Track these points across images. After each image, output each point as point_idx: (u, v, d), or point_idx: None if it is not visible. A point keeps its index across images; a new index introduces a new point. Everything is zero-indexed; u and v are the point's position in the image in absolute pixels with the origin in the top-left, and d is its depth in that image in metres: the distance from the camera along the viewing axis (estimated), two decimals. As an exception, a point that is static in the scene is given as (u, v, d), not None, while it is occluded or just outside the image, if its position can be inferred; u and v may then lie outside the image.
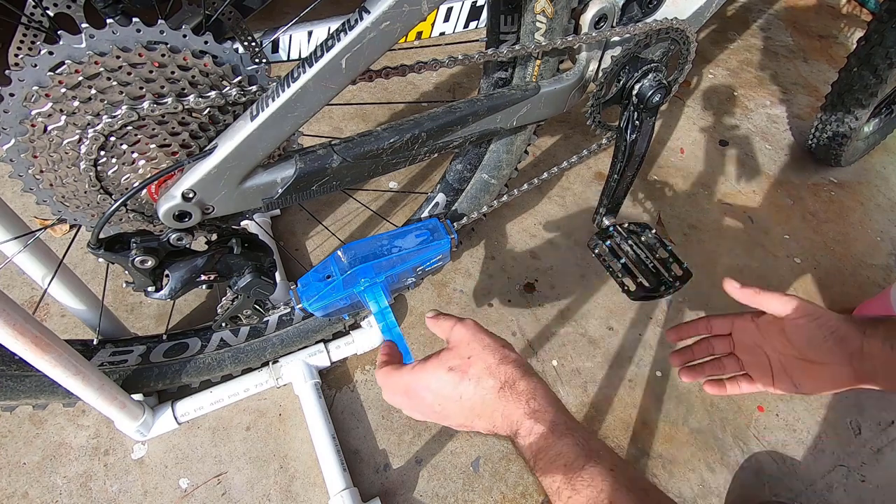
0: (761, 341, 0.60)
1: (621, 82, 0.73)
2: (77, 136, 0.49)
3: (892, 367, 0.53)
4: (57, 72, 0.45)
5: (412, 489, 0.87)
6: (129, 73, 0.47)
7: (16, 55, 0.61)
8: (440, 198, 0.90)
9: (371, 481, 0.87)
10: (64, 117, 0.47)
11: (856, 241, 1.32)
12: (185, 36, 0.48)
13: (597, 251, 0.72)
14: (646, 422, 0.98)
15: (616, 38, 0.70)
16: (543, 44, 0.65)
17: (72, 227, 0.58)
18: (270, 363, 0.92)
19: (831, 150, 1.38)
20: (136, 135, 0.51)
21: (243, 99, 0.52)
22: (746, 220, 1.34)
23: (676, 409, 1.00)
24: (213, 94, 0.50)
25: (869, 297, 1.13)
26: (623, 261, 0.69)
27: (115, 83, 0.47)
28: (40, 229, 0.72)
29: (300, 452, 0.88)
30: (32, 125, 0.48)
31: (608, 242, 0.71)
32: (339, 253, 0.67)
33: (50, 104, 0.47)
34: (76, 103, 0.47)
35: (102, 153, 0.51)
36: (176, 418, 0.86)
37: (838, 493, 0.93)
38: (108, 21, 0.45)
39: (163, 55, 0.47)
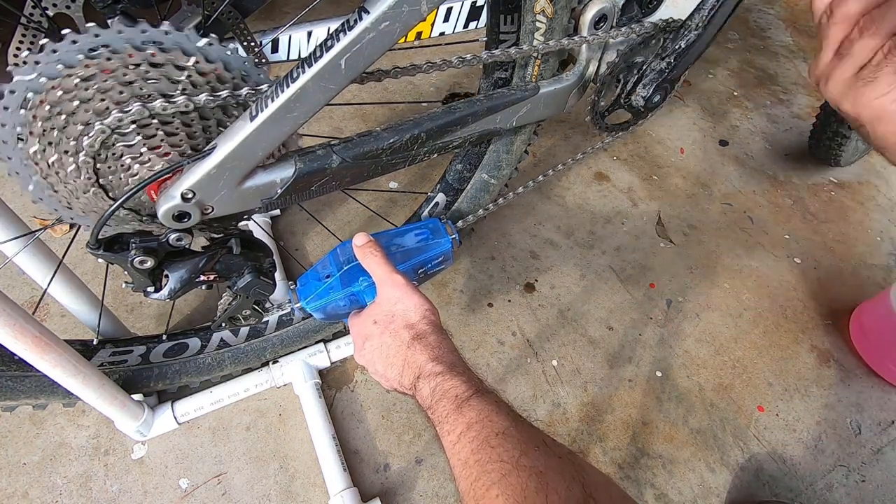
0: None
1: (621, 83, 0.73)
2: (74, 144, 0.49)
3: None
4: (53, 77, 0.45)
5: (412, 489, 0.87)
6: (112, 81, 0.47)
7: (15, 55, 0.61)
8: (440, 198, 0.90)
9: (371, 481, 0.87)
10: (64, 118, 0.48)
11: (856, 241, 1.32)
12: (167, 33, 0.47)
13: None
14: (646, 422, 0.98)
15: (616, 39, 0.70)
16: (543, 44, 0.65)
17: (72, 227, 0.58)
18: (270, 363, 0.92)
19: (831, 150, 1.38)
20: (133, 136, 0.51)
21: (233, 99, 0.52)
22: (746, 220, 1.34)
23: (676, 409, 1.00)
24: (202, 96, 0.50)
25: (869, 298, 1.13)
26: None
27: (110, 84, 0.47)
28: (40, 229, 0.72)
29: (300, 452, 0.88)
30: (31, 133, 0.48)
31: None
32: (338, 250, 0.66)
33: (49, 106, 0.47)
34: (74, 104, 0.47)
35: (101, 155, 0.51)
36: (176, 418, 0.86)
37: (838, 493, 0.93)
38: (89, 25, 0.45)
39: (152, 54, 0.47)
